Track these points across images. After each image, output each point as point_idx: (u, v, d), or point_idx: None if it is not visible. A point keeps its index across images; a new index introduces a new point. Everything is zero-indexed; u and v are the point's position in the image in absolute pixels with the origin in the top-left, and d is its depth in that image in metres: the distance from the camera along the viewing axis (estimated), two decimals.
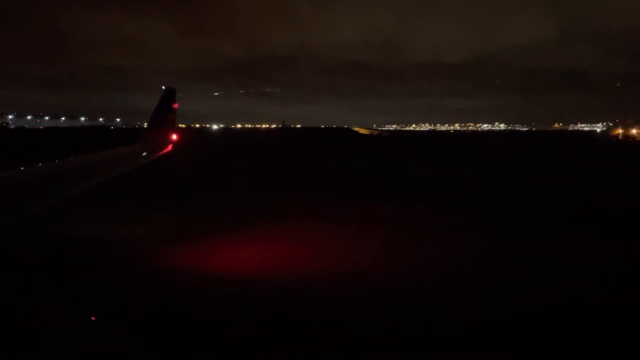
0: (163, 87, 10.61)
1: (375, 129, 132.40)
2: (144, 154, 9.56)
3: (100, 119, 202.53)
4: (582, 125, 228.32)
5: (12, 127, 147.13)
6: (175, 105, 10.66)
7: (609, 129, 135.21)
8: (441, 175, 30.44)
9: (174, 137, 10.52)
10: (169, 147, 10.51)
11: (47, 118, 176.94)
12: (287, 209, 17.69)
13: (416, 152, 58.70)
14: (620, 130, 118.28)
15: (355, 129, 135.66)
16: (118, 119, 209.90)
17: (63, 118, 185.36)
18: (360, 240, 13.32)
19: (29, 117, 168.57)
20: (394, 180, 27.71)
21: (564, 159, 45.46)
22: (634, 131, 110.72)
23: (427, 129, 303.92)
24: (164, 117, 10.47)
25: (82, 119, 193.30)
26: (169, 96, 10.60)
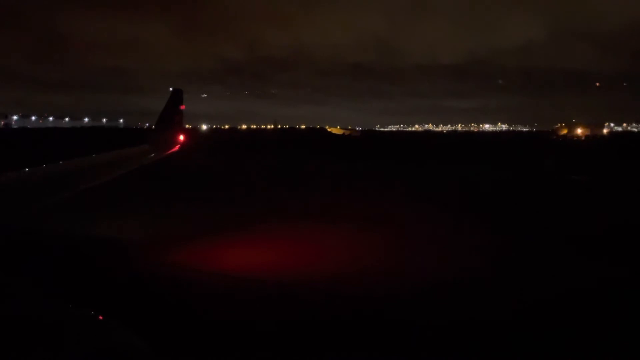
0: (170, 89, 10.87)
1: (347, 129, 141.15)
2: (152, 154, 9.80)
3: (104, 120, 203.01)
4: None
5: (14, 127, 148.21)
6: (182, 107, 10.91)
7: (557, 128, 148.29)
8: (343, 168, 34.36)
9: (181, 137, 10.76)
10: (176, 147, 10.73)
11: (50, 119, 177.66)
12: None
13: (364, 149, 63.30)
14: (565, 130, 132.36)
15: (329, 129, 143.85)
16: (121, 120, 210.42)
17: (67, 119, 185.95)
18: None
19: (33, 118, 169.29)
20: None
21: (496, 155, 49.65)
22: (578, 131, 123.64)
23: (426, 129, 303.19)
24: (171, 117, 10.71)
25: (86, 119, 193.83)
26: (176, 97, 10.83)
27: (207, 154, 39.52)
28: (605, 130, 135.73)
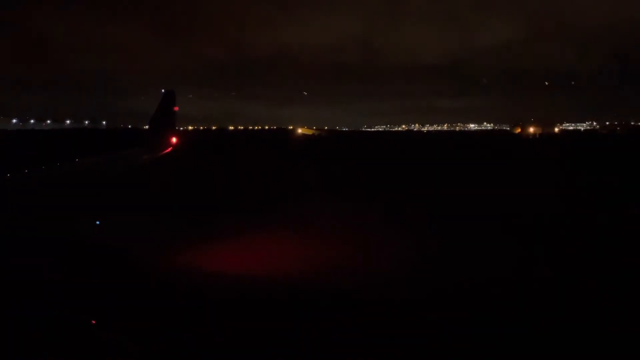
0: (163, 90, 10.73)
1: (317, 129, 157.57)
2: (145, 156, 9.73)
3: (86, 122, 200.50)
4: (567, 124, 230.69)
5: None
6: (176, 108, 10.79)
7: (511, 127, 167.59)
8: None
9: (174, 139, 10.65)
10: (169, 149, 10.65)
11: (32, 121, 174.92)
12: None
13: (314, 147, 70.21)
14: (519, 129, 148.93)
15: (300, 130, 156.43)
16: (104, 122, 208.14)
17: (48, 121, 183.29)
18: None
19: (14, 121, 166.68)
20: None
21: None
22: (530, 129, 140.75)
23: (409, 129, 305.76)
24: (164, 119, 10.60)
25: (68, 121, 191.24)
26: (169, 99, 10.69)
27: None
28: (556, 129, 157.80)
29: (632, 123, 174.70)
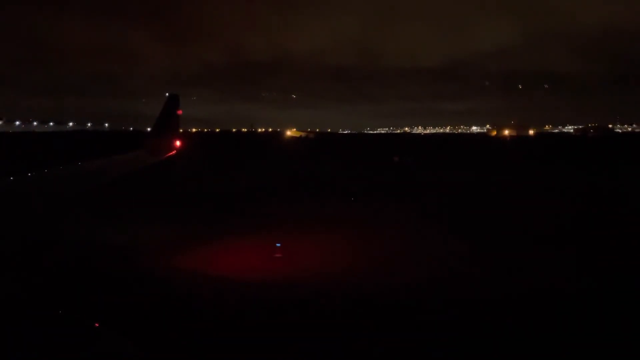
0: (167, 94, 10.70)
1: (304, 132, 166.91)
2: (147, 159, 9.72)
3: (89, 124, 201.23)
4: (569, 127, 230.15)
5: None
6: (179, 112, 10.76)
7: (487, 130, 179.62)
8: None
9: (178, 142, 10.61)
10: (172, 152, 10.63)
11: (35, 123, 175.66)
12: None
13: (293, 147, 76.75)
14: (494, 132, 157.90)
15: (289, 132, 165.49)
16: (106, 124, 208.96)
17: (51, 123, 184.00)
18: None
19: (17, 123, 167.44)
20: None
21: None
22: (505, 132, 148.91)
23: (408, 132, 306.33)
24: (167, 122, 10.56)
25: (70, 123, 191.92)
26: (173, 102, 10.66)
27: None
28: (531, 132, 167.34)
29: (610, 126, 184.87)
